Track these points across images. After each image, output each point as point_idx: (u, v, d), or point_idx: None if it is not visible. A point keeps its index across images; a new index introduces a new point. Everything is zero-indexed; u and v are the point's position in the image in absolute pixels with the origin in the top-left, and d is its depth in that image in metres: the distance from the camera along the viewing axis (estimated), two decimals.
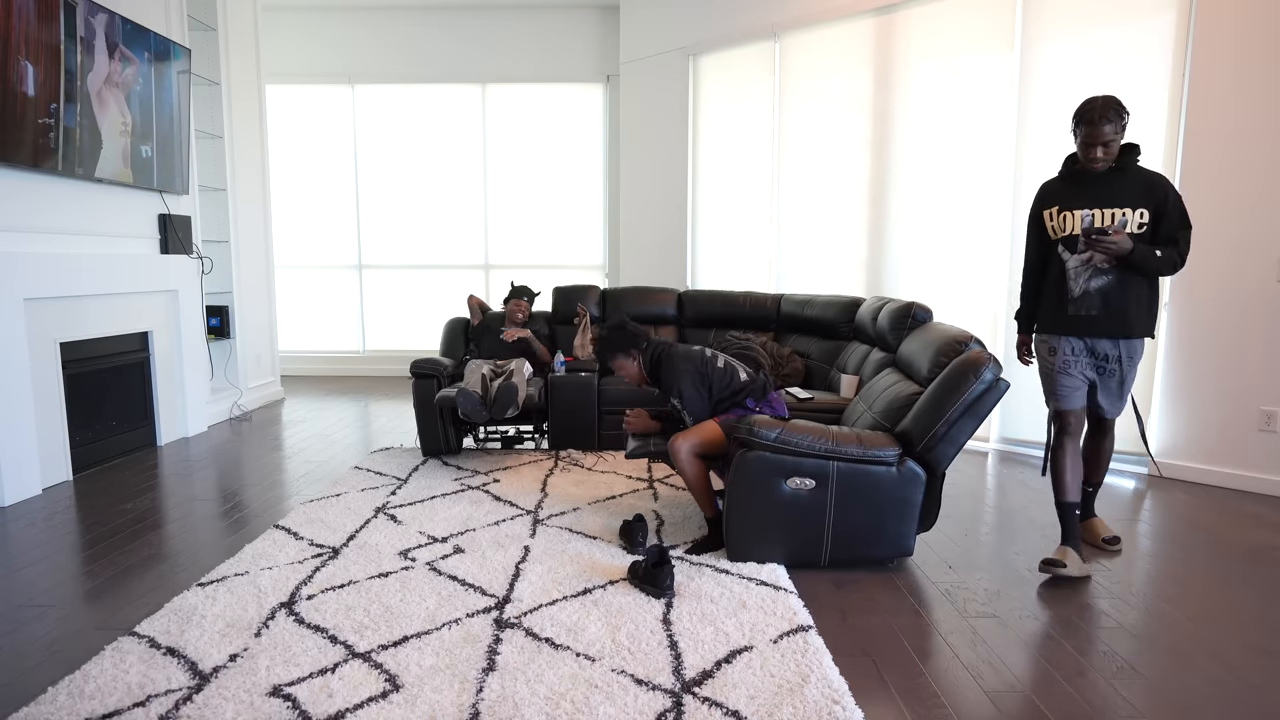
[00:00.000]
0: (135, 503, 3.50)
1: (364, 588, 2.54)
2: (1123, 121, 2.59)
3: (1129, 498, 3.69)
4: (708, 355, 2.99)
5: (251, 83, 5.79)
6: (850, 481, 2.67)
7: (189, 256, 4.86)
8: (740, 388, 2.96)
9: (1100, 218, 2.68)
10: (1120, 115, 2.58)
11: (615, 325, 3.05)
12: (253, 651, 2.13)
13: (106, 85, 3.98)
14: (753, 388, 2.97)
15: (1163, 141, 3.93)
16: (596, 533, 3.07)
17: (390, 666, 2.05)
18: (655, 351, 3.04)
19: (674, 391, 2.92)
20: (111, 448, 4.22)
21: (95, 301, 4.07)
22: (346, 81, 7.16)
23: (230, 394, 5.51)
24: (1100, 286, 2.71)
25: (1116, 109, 2.58)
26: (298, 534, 3.03)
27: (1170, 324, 3.94)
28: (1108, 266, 2.67)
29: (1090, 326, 2.74)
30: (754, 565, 2.73)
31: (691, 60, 6.23)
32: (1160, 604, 2.53)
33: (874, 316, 3.83)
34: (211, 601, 2.43)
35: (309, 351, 7.50)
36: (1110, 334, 2.72)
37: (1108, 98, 2.60)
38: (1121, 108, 2.59)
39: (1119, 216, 2.65)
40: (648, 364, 3.05)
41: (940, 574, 2.75)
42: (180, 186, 4.70)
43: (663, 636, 2.22)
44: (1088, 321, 2.73)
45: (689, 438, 2.85)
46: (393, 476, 3.85)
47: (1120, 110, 2.59)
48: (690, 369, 2.93)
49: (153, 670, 2.03)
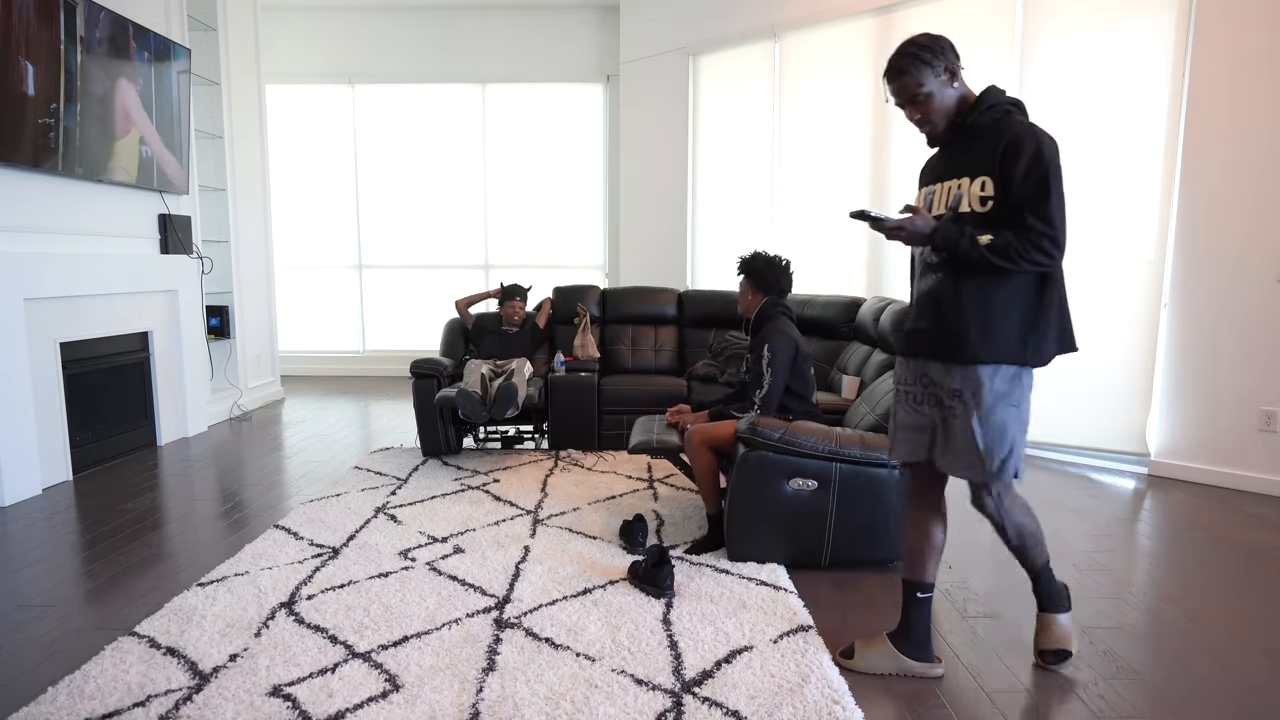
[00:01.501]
0: (135, 503, 3.50)
1: (364, 588, 2.54)
2: (935, 68, 1.86)
3: (1129, 497, 3.69)
4: (808, 353, 3.04)
5: (251, 83, 5.79)
6: (852, 483, 2.67)
7: (189, 256, 4.86)
8: (806, 396, 3.00)
9: (942, 195, 1.95)
10: (925, 61, 1.86)
11: (773, 261, 3.09)
12: (253, 651, 2.13)
13: (115, 85, 3.97)
14: (810, 411, 3.01)
15: (1163, 141, 3.93)
16: (596, 533, 3.07)
17: (390, 666, 2.05)
18: (775, 308, 3.06)
19: (767, 345, 2.91)
20: (111, 448, 4.22)
21: (95, 301, 4.07)
22: (346, 81, 7.16)
23: (230, 394, 5.51)
24: (929, 289, 1.96)
25: (914, 55, 1.87)
26: (298, 534, 3.03)
27: (1170, 324, 3.94)
28: (935, 260, 1.93)
29: (919, 344, 1.98)
30: (754, 565, 2.73)
31: (691, 60, 6.23)
32: (1160, 604, 2.53)
33: (875, 318, 3.82)
34: (211, 601, 2.43)
35: (309, 351, 7.50)
36: (939, 356, 1.93)
37: (907, 42, 1.90)
38: (926, 50, 1.87)
39: (953, 191, 1.91)
40: (760, 310, 3.07)
41: (940, 574, 2.75)
42: (180, 186, 4.71)
43: (663, 636, 2.22)
44: (918, 337, 1.99)
45: (706, 430, 2.90)
46: (393, 476, 3.85)
47: (923, 54, 1.86)
48: (792, 345, 2.94)
49: (153, 670, 2.03)
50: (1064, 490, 3.78)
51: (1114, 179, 4.11)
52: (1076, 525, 3.27)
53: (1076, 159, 4.20)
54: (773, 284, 3.10)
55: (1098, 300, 4.18)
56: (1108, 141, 4.11)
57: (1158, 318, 4.01)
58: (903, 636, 2.09)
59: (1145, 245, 4.04)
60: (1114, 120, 4.09)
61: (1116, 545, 3.06)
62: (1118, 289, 4.13)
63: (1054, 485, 3.86)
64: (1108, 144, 4.11)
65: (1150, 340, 4.04)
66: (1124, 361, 4.14)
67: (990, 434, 1.87)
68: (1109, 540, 3.11)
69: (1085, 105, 4.16)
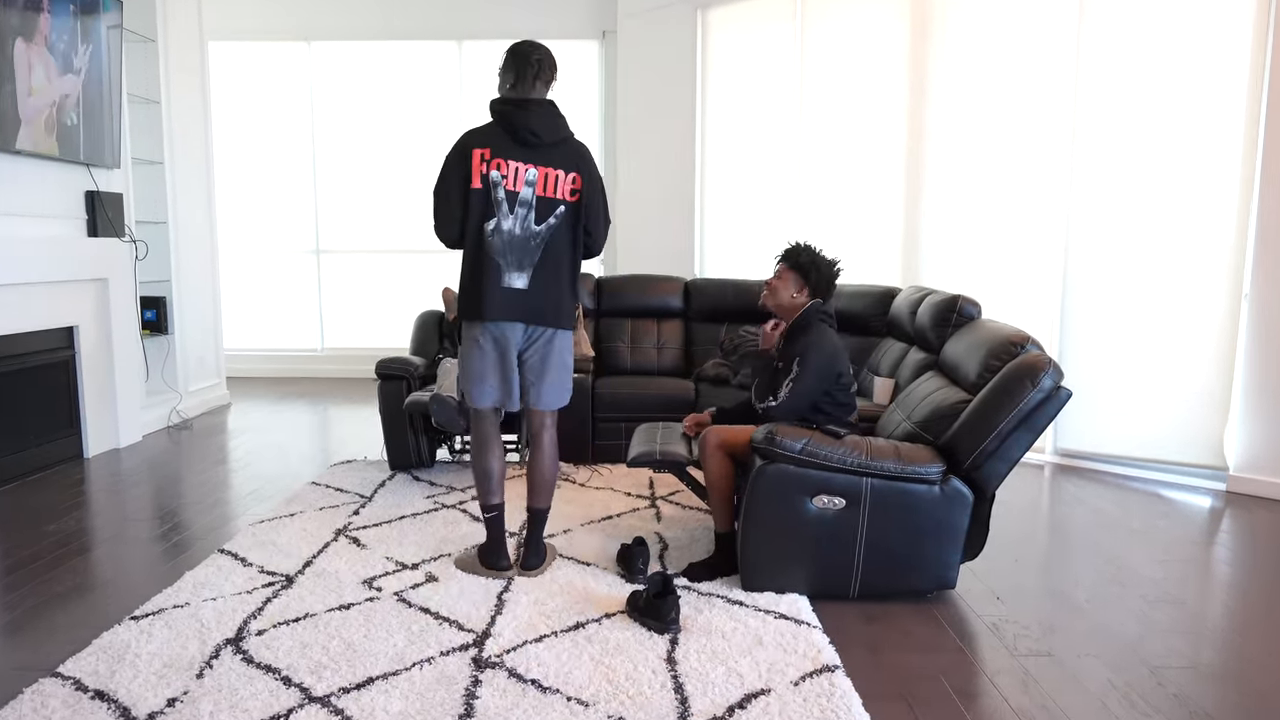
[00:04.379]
0: (59, 524, 3.51)
1: (322, 621, 2.54)
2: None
3: (1204, 517, 3.69)
4: (850, 372, 3.06)
5: (193, 40, 5.79)
6: (886, 501, 2.67)
7: (120, 239, 4.86)
8: (842, 415, 3.01)
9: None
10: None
11: (829, 262, 3.11)
12: (194, 695, 2.13)
13: (32, 44, 3.98)
14: (847, 427, 2.99)
15: (1243, 118, 3.93)
16: (591, 558, 3.07)
17: (352, 712, 2.05)
18: (820, 315, 3.08)
19: (800, 359, 2.94)
20: (31, 461, 4.22)
21: (9, 292, 4.07)
22: (303, 38, 7.16)
23: (168, 398, 5.51)
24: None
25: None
26: (246, 560, 3.04)
27: (1251, 319, 3.94)
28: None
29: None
30: (772, 595, 2.73)
31: (700, 13, 6.23)
32: (1240, 640, 2.53)
33: (912, 311, 3.83)
34: (147, 638, 2.43)
35: (259, 350, 7.51)
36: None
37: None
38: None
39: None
40: (803, 314, 3.07)
41: (987, 606, 2.76)
42: (110, 159, 4.71)
43: (666, 678, 2.22)
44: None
45: (724, 432, 2.92)
46: (355, 493, 3.85)
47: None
48: (832, 359, 2.96)
49: (79, 717, 2.03)
50: (1130, 509, 3.78)
51: (1189, 155, 4.10)
52: (1144, 549, 3.28)
53: (1147, 129, 4.21)
54: (823, 286, 3.09)
55: (1169, 294, 4.18)
56: (1183, 112, 4.10)
57: (1238, 313, 4.01)
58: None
59: (1223, 231, 4.04)
60: (1191, 89, 4.08)
61: (1190, 572, 3.06)
62: (1192, 281, 4.13)
63: (1119, 503, 3.86)
64: (1183, 115, 4.11)
65: (1229, 338, 4.04)
66: (1199, 362, 4.14)
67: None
68: (1181, 567, 3.11)
69: (1158, 71, 4.16)
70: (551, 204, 2.72)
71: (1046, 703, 2.18)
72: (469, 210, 2.68)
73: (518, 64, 2.73)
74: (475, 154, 2.67)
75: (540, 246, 2.72)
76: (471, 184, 2.67)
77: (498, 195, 2.68)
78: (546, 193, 2.72)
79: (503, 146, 2.69)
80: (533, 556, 2.94)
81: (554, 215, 2.73)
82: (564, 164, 2.73)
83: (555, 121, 2.74)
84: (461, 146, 2.69)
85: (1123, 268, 4.33)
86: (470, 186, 2.67)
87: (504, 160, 2.68)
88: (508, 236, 2.69)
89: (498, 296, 2.70)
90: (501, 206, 2.68)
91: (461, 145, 2.69)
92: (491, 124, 2.74)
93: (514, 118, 2.69)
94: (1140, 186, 4.25)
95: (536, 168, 2.70)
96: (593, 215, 2.79)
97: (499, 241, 2.69)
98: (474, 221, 2.69)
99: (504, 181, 2.68)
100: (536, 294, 2.73)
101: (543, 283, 2.74)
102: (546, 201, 2.72)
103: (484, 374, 2.77)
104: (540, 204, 2.71)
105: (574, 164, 2.75)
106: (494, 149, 2.68)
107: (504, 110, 2.71)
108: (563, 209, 2.74)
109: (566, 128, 2.78)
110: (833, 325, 3.11)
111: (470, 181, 2.67)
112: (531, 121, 2.68)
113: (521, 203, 2.69)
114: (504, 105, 2.72)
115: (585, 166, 2.78)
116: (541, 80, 2.75)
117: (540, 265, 2.73)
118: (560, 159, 2.73)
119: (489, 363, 2.77)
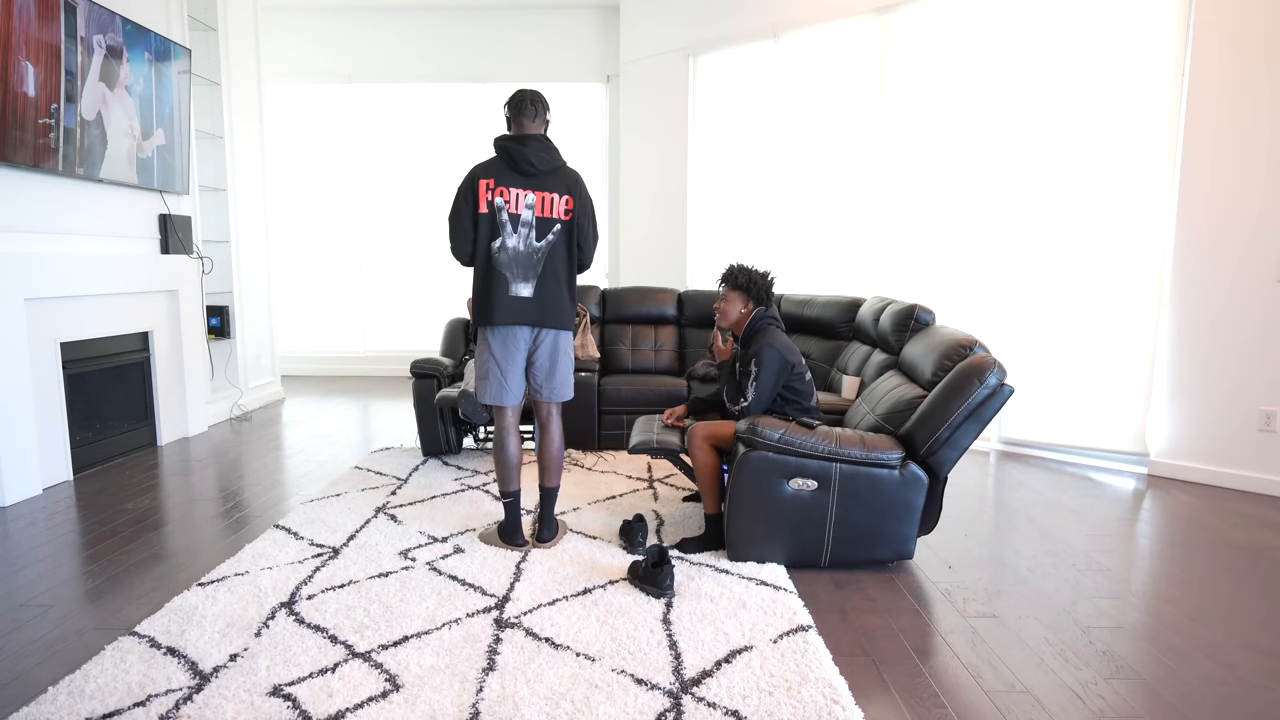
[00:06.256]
0: (135, 502, 3.51)
1: (364, 587, 2.54)
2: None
3: (1128, 497, 3.69)
4: (803, 362, 3.01)
5: (252, 83, 5.79)
6: (853, 483, 2.67)
7: (189, 256, 4.86)
8: (802, 401, 2.96)
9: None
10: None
11: (762, 274, 3.09)
12: (253, 651, 2.13)
13: (114, 87, 3.98)
14: (812, 414, 2.96)
15: (1166, 137, 3.93)
16: (596, 532, 3.07)
17: (390, 666, 2.05)
18: (765, 320, 3.05)
19: (755, 359, 2.90)
20: (112, 447, 4.22)
21: (96, 301, 4.08)
22: (346, 81, 7.16)
23: (230, 394, 5.51)
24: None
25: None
26: (298, 534, 3.04)
27: (1170, 323, 3.94)
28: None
29: None
30: (754, 565, 2.73)
31: (691, 60, 6.23)
32: (1160, 604, 2.54)
33: (875, 318, 3.83)
34: (212, 601, 2.43)
35: (309, 352, 7.50)
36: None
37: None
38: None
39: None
40: (750, 323, 3.06)
41: (940, 574, 2.76)
42: (181, 187, 4.71)
43: (662, 636, 2.22)
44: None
45: (709, 427, 2.90)
46: (393, 476, 3.86)
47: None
48: (783, 354, 2.91)
49: (153, 670, 2.03)
50: (1063, 490, 3.78)
51: (1114, 176, 4.11)
52: (1076, 525, 3.28)
53: (1076, 155, 4.21)
54: (763, 295, 3.08)
55: (1098, 302, 4.19)
56: (1108, 137, 4.11)
57: (1158, 318, 4.01)
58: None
59: (1145, 243, 4.04)
60: (1115, 116, 4.08)
61: (1116, 545, 3.06)
62: (1118, 290, 4.13)
63: (1054, 485, 3.86)
64: (1108, 140, 4.11)
65: (1151, 340, 4.04)
66: (1123, 361, 4.14)
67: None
68: (1109, 540, 3.11)
69: (1086, 100, 4.16)
70: (549, 223, 2.74)
71: (991, 658, 2.18)
72: (479, 232, 2.71)
73: (515, 107, 2.78)
74: (481, 184, 2.71)
75: (542, 260, 2.74)
76: (479, 209, 2.70)
77: (502, 218, 2.71)
78: (544, 213, 2.74)
79: (505, 176, 2.72)
80: (546, 530, 2.94)
81: (552, 232, 2.75)
82: (558, 188, 2.75)
83: (549, 153, 2.76)
84: (470, 178, 2.73)
85: (1057, 279, 4.33)
86: (478, 212, 2.71)
87: (506, 188, 2.71)
88: (513, 252, 2.72)
89: (506, 304, 2.73)
90: (506, 227, 2.71)
91: (470, 177, 2.73)
92: (495, 158, 2.77)
93: (514, 152, 2.72)
94: (1070, 206, 4.25)
95: (534, 193, 2.72)
96: (584, 232, 2.82)
97: (506, 257, 2.72)
98: (483, 241, 2.72)
99: (507, 206, 2.71)
100: (540, 300, 2.75)
101: (545, 290, 2.75)
102: (545, 221, 2.74)
103: (493, 372, 2.80)
104: (540, 223, 2.74)
105: (566, 188, 2.77)
106: (497, 179, 2.71)
107: (505, 145, 2.74)
108: (559, 227, 2.76)
109: (559, 158, 2.80)
110: (780, 326, 3.08)
111: (478, 207, 2.70)
112: (529, 154, 2.71)
113: (524, 223, 2.72)
114: (505, 141, 2.75)
115: (576, 190, 2.79)
116: (534, 118, 2.78)
117: (543, 276, 2.75)
118: (554, 184, 2.75)
119: (498, 362, 2.79)
